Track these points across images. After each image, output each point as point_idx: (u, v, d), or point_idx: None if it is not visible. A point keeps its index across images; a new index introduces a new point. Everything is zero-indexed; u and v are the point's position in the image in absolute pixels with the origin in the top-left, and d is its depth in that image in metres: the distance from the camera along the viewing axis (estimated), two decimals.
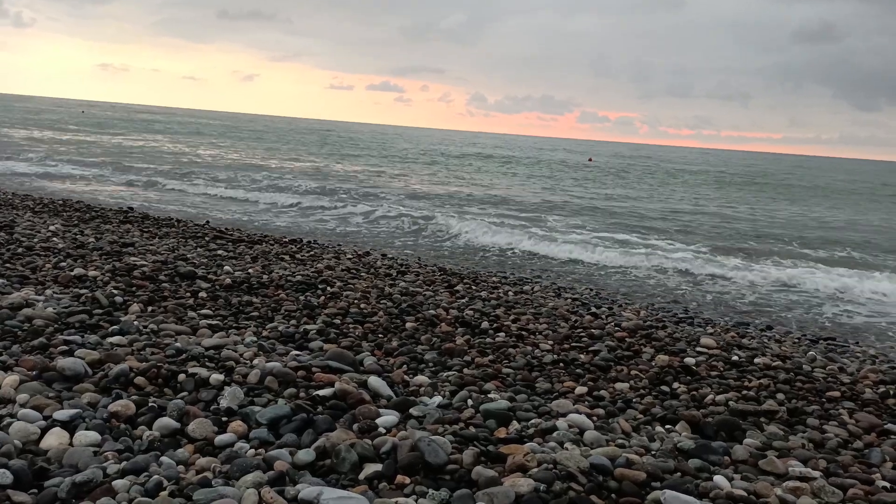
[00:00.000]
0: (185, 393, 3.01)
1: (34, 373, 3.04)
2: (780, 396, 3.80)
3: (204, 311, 4.60)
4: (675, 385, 3.91)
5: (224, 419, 2.75)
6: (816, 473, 2.70)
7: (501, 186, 22.27)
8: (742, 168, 57.00)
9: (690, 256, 10.29)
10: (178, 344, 3.60)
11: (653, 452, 2.81)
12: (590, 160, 47.11)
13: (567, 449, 2.68)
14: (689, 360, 4.31)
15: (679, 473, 2.60)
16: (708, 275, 9.08)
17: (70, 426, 2.57)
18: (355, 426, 2.75)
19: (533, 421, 3.03)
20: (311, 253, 7.90)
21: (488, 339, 4.59)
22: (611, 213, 16.53)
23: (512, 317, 5.25)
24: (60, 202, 10.82)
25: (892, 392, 3.99)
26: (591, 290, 8.05)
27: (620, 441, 2.90)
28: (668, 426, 3.26)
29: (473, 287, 6.66)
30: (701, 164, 59.27)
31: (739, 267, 9.54)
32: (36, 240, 6.62)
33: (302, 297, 5.23)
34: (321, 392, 3.05)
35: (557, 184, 25.37)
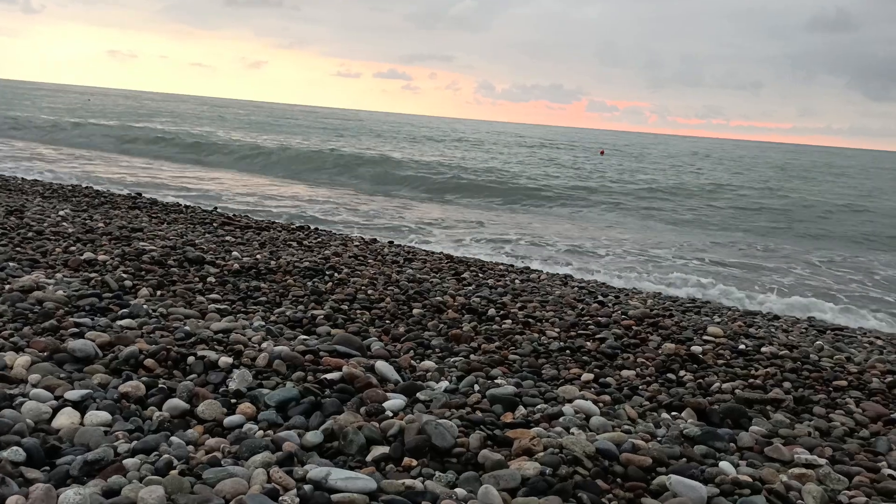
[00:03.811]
0: (194, 375, 3.04)
1: (45, 354, 3.07)
2: (787, 385, 3.80)
3: (212, 296, 4.62)
4: (682, 373, 3.92)
5: (233, 401, 2.78)
6: (822, 461, 2.70)
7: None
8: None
9: None
10: (187, 327, 3.62)
11: (659, 438, 2.82)
12: (601, 153, 45.77)
13: (573, 434, 2.69)
14: (696, 349, 4.31)
15: (685, 459, 2.61)
16: None
17: (81, 406, 2.60)
18: (363, 409, 2.77)
19: (539, 406, 3.04)
20: (319, 240, 7.92)
21: (495, 326, 4.60)
22: None
23: (519, 304, 5.26)
24: (70, 188, 10.88)
25: None
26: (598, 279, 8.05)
27: (626, 427, 2.91)
28: (674, 413, 3.27)
29: (480, 275, 6.67)
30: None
31: None
32: (46, 224, 6.66)
33: (309, 283, 5.25)
34: (329, 376, 3.07)
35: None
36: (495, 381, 3.41)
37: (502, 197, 18.93)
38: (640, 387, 3.64)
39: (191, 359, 3.13)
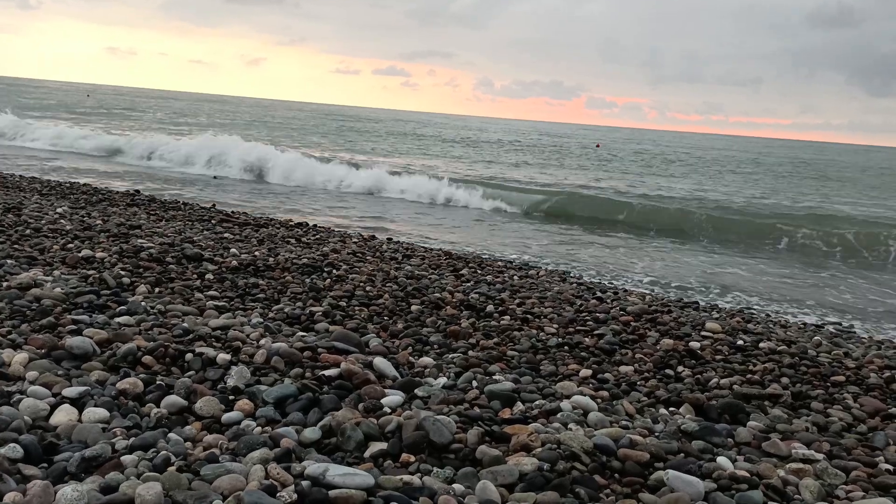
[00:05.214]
0: (192, 372, 3.03)
1: (43, 351, 3.07)
2: (785, 380, 3.80)
3: (210, 293, 4.62)
4: (680, 369, 3.92)
5: (231, 398, 2.78)
6: (819, 456, 2.71)
7: None
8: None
9: None
10: (185, 324, 3.62)
11: (656, 434, 2.82)
12: (597, 146, 46.73)
13: (571, 429, 2.69)
14: (694, 345, 4.32)
15: (682, 454, 2.61)
16: None
17: (79, 403, 2.60)
18: (361, 406, 2.77)
19: (537, 402, 3.04)
20: (317, 236, 7.92)
21: (493, 323, 4.60)
22: None
23: (517, 300, 5.26)
24: (68, 185, 10.86)
25: None
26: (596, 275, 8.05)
27: (624, 422, 2.91)
28: (672, 409, 3.27)
29: (479, 271, 6.67)
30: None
31: None
32: (44, 221, 6.65)
33: (308, 280, 5.25)
34: (327, 372, 3.07)
35: None
36: (493, 377, 3.41)
37: None
38: (639, 382, 3.64)
39: (189, 355, 3.13)
